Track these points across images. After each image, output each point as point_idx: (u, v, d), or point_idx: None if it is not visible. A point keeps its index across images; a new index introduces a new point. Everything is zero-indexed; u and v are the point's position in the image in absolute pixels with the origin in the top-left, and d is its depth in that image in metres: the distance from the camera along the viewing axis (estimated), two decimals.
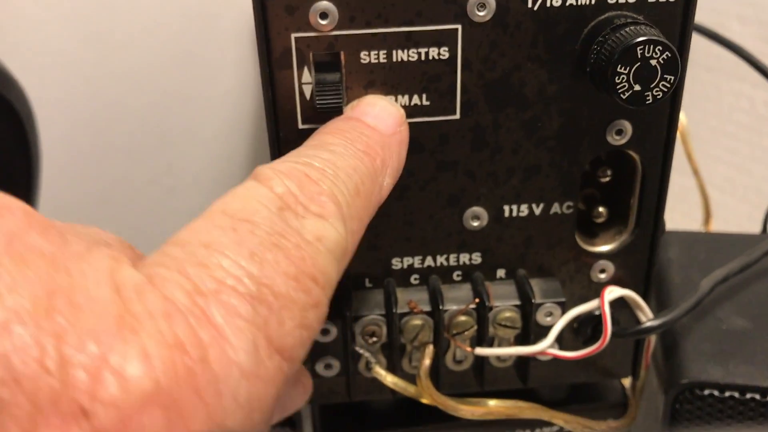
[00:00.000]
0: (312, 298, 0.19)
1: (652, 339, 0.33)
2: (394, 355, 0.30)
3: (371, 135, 0.24)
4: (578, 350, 0.30)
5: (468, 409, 0.29)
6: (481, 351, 0.30)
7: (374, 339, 0.30)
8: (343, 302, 0.29)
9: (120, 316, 0.16)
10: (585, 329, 0.32)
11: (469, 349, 0.30)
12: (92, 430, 0.15)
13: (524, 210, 0.29)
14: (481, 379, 0.32)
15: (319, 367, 0.31)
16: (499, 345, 0.30)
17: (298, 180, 0.21)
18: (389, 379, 0.30)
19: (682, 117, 0.33)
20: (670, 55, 0.24)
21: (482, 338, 0.30)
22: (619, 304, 0.31)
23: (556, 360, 0.32)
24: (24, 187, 0.39)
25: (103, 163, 0.49)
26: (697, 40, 0.31)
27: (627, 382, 0.36)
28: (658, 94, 0.24)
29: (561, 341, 0.30)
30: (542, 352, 0.30)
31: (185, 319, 0.16)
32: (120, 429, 0.15)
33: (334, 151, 0.23)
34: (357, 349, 0.30)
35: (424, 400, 0.30)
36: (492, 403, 0.30)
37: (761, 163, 0.55)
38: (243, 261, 0.18)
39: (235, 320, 0.17)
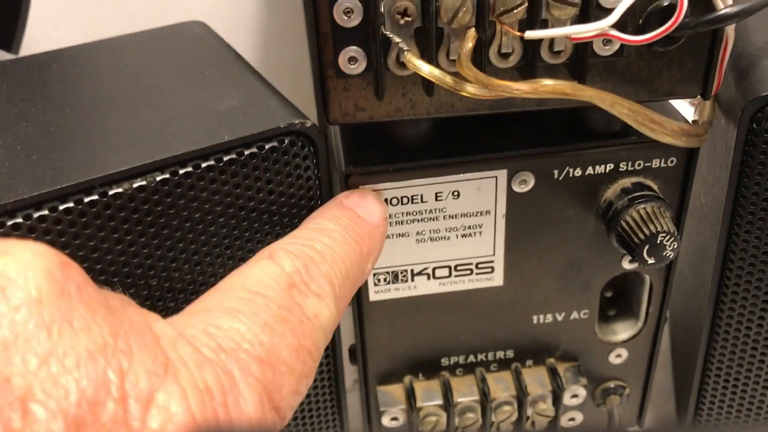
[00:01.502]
0: (306, 369, 0.23)
1: (728, 50, 0.29)
2: (429, 42, 0.26)
3: (361, 225, 0.28)
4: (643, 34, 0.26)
5: (522, 87, 0.25)
6: (532, 34, 0.25)
7: (407, 18, 0.25)
8: None
9: (164, 361, 0.19)
10: (653, 21, 0.27)
11: (518, 33, 0.25)
12: None
13: None
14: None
15: (342, 62, 0.27)
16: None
17: (303, 261, 0.24)
18: (425, 69, 0.26)
19: None
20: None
21: (534, 21, 0.26)
22: None
23: (616, 65, 0.27)
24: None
25: None
26: None
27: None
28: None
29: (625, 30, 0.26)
30: (603, 34, 0.25)
31: (213, 370, 0.19)
32: None
33: (332, 237, 0.26)
34: (386, 33, 0.26)
35: (467, 91, 0.25)
36: (549, 82, 0.25)
37: None
38: (257, 329, 0.21)
39: (247, 377, 0.20)
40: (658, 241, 0.30)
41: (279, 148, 0.28)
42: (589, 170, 0.31)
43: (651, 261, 0.30)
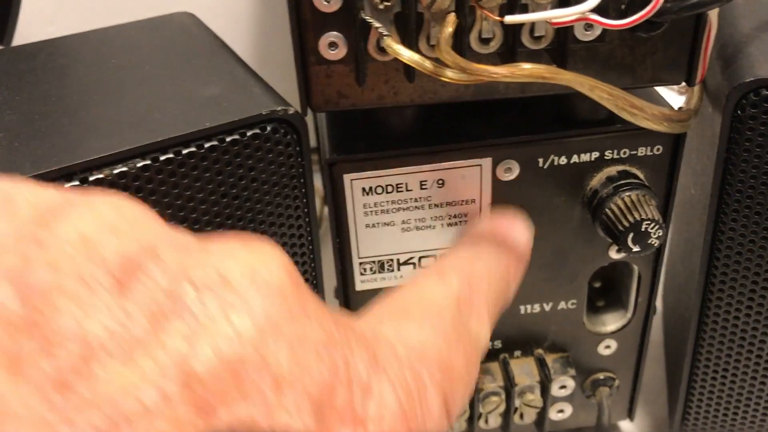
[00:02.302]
0: (472, 382, 0.24)
1: (711, 36, 0.29)
2: (409, 27, 0.26)
3: (514, 250, 0.29)
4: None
5: (502, 72, 0.25)
6: (511, 19, 0.25)
7: (386, 3, 0.25)
8: None
9: (374, 356, 0.20)
10: (635, 6, 0.27)
11: (497, 17, 0.25)
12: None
13: None
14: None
15: (323, 47, 0.27)
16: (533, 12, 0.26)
17: (468, 283, 0.25)
18: (405, 54, 0.26)
19: None
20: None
21: (514, 5, 0.26)
22: None
23: (599, 51, 0.27)
24: None
25: None
26: None
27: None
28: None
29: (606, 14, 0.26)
30: (583, 18, 0.25)
31: (411, 370, 0.21)
32: None
33: (489, 262, 0.27)
34: (366, 18, 0.26)
35: (447, 77, 0.25)
36: (527, 66, 0.25)
37: None
38: (440, 340, 0.23)
39: (434, 384, 0.21)
40: (643, 229, 0.30)
41: (261, 135, 0.28)
42: (575, 158, 0.31)
43: (636, 249, 0.30)
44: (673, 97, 0.37)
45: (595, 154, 0.31)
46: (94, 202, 0.17)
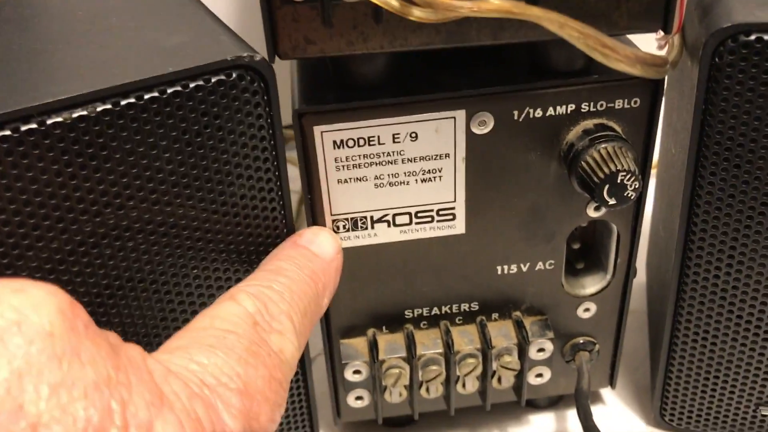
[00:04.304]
0: (279, 398, 0.25)
1: None
2: None
3: (315, 262, 0.30)
4: None
5: (468, 5, 0.24)
6: None
7: None
8: None
9: (159, 394, 0.20)
10: None
11: None
12: None
13: None
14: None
15: None
16: None
17: (263, 301, 0.26)
18: None
19: None
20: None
21: None
22: None
23: None
24: None
25: None
26: None
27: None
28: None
29: None
30: None
31: (201, 402, 0.21)
32: None
33: (288, 276, 0.28)
34: None
35: (413, 15, 0.25)
36: (495, 0, 0.24)
37: None
38: (233, 362, 0.23)
39: (230, 408, 0.22)
40: (619, 180, 0.29)
41: (226, 82, 0.27)
42: (550, 111, 0.31)
43: (612, 201, 0.29)
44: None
45: (571, 107, 0.31)
46: None
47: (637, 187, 0.29)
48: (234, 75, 0.27)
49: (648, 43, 0.30)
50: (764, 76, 0.28)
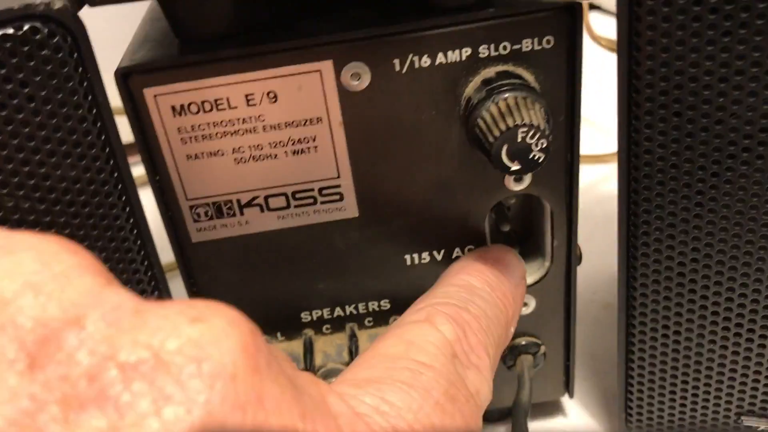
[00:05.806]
0: None
1: None
2: None
3: (505, 283, 0.26)
4: None
5: None
6: None
7: None
8: None
9: None
10: None
11: None
12: None
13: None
14: None
15: None
16: None
17: (462, 327, 0.23)
18: None
19: None
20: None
21: None
22: None
23: None
24: None
25: None
26: None
27: None
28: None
29: None
30: None
31: None
32: None
33: (483, 298, 0.25)
34: None
35: None
36: None
37: None
38: (430, 409, 0.20)
39: None
40: (519, 139, 0.23)
41: (14, 37, 0.22)
42: (440, 58, 0.25)
43: (516, 167, 0.23)
44: None
45: (467, 51, 0.25)
46: (16, 247, 0.15)
47: (544, 146, 0.23)
48: (25, 27, 0.22)
49: None
50: None
